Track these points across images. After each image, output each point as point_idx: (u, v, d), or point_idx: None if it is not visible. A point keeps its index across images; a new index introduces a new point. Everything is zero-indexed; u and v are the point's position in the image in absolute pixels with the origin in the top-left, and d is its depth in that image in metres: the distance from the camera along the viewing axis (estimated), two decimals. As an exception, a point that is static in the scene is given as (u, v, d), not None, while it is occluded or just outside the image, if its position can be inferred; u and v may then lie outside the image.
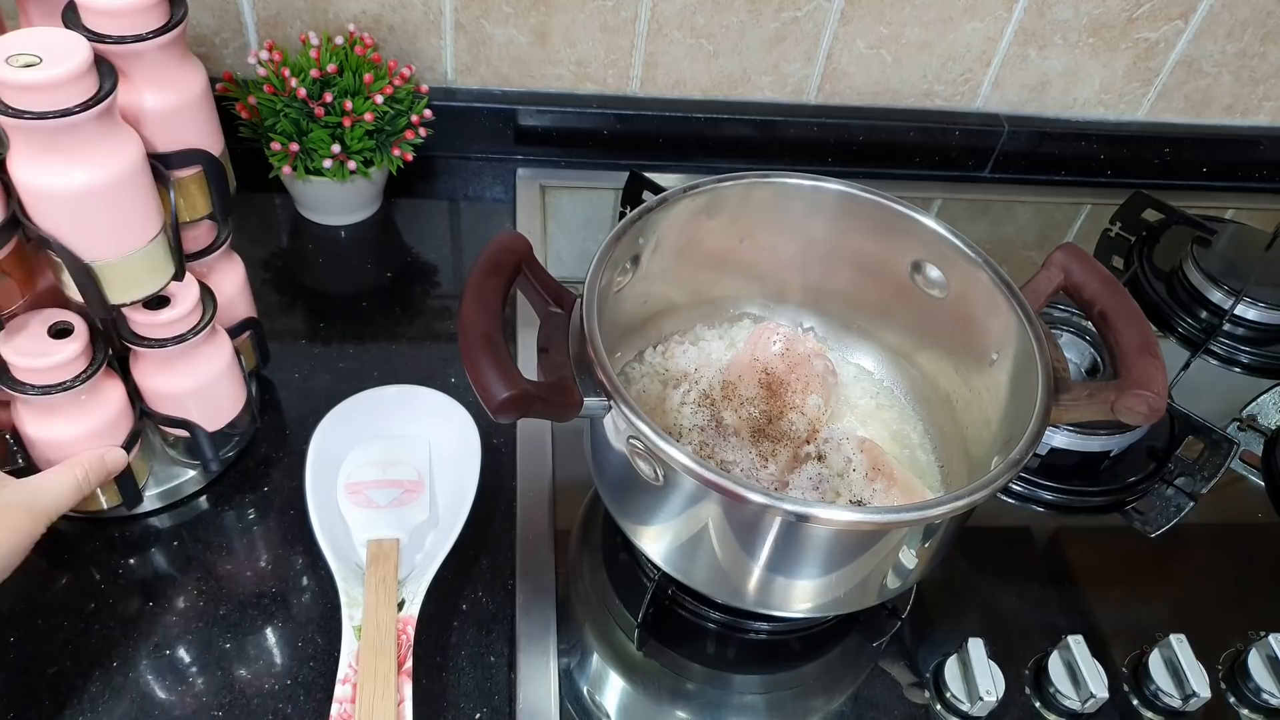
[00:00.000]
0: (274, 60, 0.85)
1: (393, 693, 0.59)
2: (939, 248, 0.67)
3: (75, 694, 0.60)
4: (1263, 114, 1.13)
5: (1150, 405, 0.56)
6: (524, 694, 0.62)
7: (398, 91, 0.88)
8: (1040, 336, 0.60)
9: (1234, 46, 1.05)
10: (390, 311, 0.88)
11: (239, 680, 0.62)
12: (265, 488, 0.73)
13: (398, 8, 0.94)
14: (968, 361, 0.69)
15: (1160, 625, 0.70)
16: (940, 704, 0.65)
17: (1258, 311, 0.95)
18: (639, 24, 0.97)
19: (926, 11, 0.99)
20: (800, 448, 0.68)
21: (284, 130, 0.85)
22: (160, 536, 0.69)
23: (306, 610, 0.66)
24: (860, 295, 0.74)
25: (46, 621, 0.64)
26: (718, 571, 0.59)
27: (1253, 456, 0.85)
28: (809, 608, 0.61)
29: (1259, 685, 0.68)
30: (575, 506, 0.75)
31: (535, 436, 0.77)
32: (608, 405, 0.55)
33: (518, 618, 0.66)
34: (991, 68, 1.04)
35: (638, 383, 0.73)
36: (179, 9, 0.63)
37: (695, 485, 0.53)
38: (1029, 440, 0.56)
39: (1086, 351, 0.84)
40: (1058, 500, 0.80)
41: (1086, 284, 0.63)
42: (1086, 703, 0.64)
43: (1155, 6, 1.01)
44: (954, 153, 1.10)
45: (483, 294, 0.55)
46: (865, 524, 0.53)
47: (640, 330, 0.74)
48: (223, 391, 0.69)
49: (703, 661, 0.67)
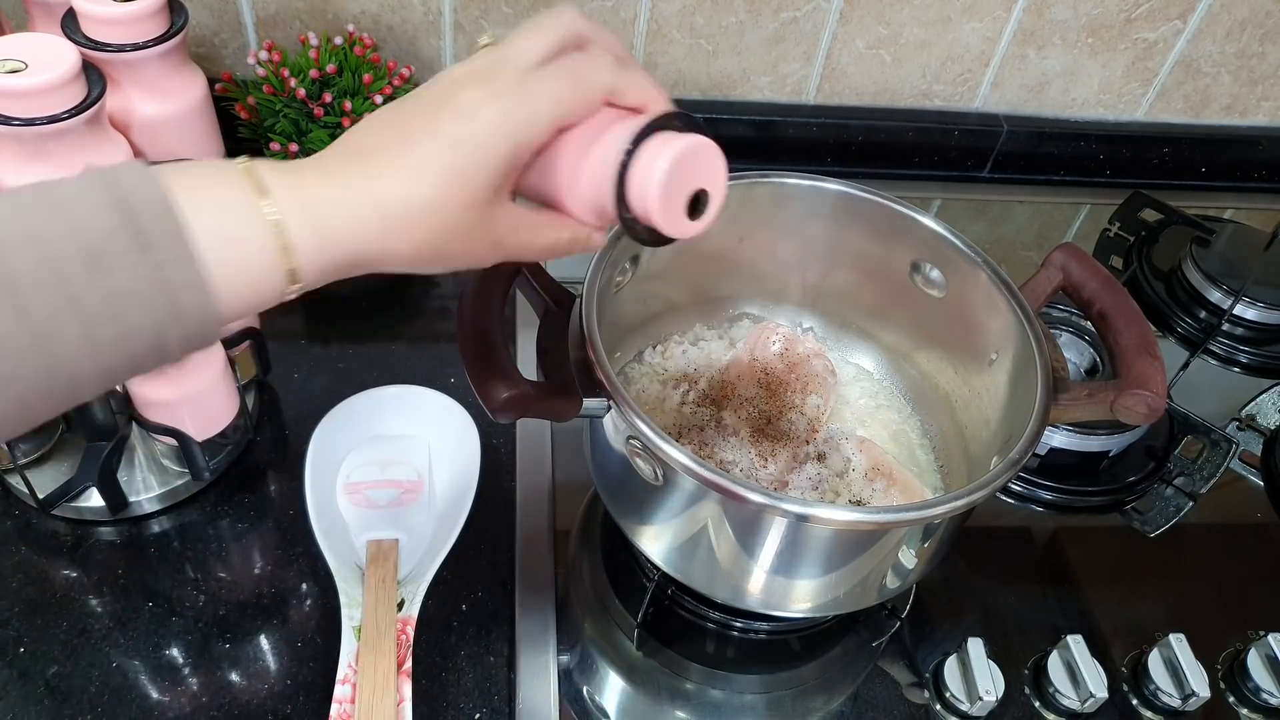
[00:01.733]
0: (273, 61, 0.85)
1: (392, 693, 0.59)
2: (938, 248, 0.67)
3: (75, 694, 0.60)
4: (1261, 114, 1.13)
5: (1149, 405, 0.56)
6: (524, 694, 0.62)
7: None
8: (1039, 336, 0.60)
9: (1233, 46, 1.05)
10: (390, 311, 0.88)
11: (238, 680, 0.62)
12: (265, 488, 0.73)
13: (397, 8, 0.94)
14: (967, 361, 0.69)
15: (1159, 625, 0.70)
16: (940, 704, 0.65)
17: (1257, 311, 0.95)
18: (639, 24, 0.97)
19: (925, 11, 0.99)
20: (800, 448, 0.68)
21: (283, 131, 0.85)
22: (160, 537, 0.69)
23: (306, 610, 0.66)
24: (859, 295, 0.75)
25: (46, 621, 0.64)
26: (717, 571, 0.59)
27: (1252, 456, 0.85)
28: (808, 608, 0.61)
29: (1258, 685, 0.68)
30: (575, 506, 0.75)
31: (535, 436, 0.77)
32: (607, 405, 0.55)
33: (517, 618, 0.66)
34: (990, 68, 1.04)
35: (637, 383, 0.73)
36: (179, 17, 0.63)
37: (695, 485, 0.53)
38: (1028, 440, 0.56)
39: (1086, 351, 0.84)
40: (1057, 500, 0.80)
41: (1085, 284, 0.64)
42: (1086, 702, 0.64)
43: (1154, 7, 1.01)
44: (953, 153, 1.10)
45: (482, 294, 0.55)
46: (865, 524, 0.53)
47: (640, 330, 0.74)
48: (214, 400, 0.68)
49: (702, 661, 0.67)
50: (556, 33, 0.41)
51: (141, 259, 0.32)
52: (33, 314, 0.30)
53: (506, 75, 0.39)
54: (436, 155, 0.37)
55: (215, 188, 0.34)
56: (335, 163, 0.38)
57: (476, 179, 0.37)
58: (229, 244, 0.34)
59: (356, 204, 0.36)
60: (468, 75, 0.39)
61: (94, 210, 0.32)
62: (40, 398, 0.33)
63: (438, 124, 0.37)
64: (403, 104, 0.39)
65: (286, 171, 0.36)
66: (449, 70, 0.40)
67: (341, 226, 0.36)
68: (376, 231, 0.37)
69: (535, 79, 0.39)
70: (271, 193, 0.35)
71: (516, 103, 0.38)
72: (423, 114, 0.38)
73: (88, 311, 0.31)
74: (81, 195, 0.32)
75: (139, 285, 0.32)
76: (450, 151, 0.37)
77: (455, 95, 0.38)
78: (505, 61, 0.39)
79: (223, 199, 0.34)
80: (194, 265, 0.33)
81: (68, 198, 0.32)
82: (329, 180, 0.37)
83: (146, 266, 0.32)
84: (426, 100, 0.38)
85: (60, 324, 0.31)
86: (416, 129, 0.37)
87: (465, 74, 0.39)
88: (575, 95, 0.39)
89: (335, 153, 0.38)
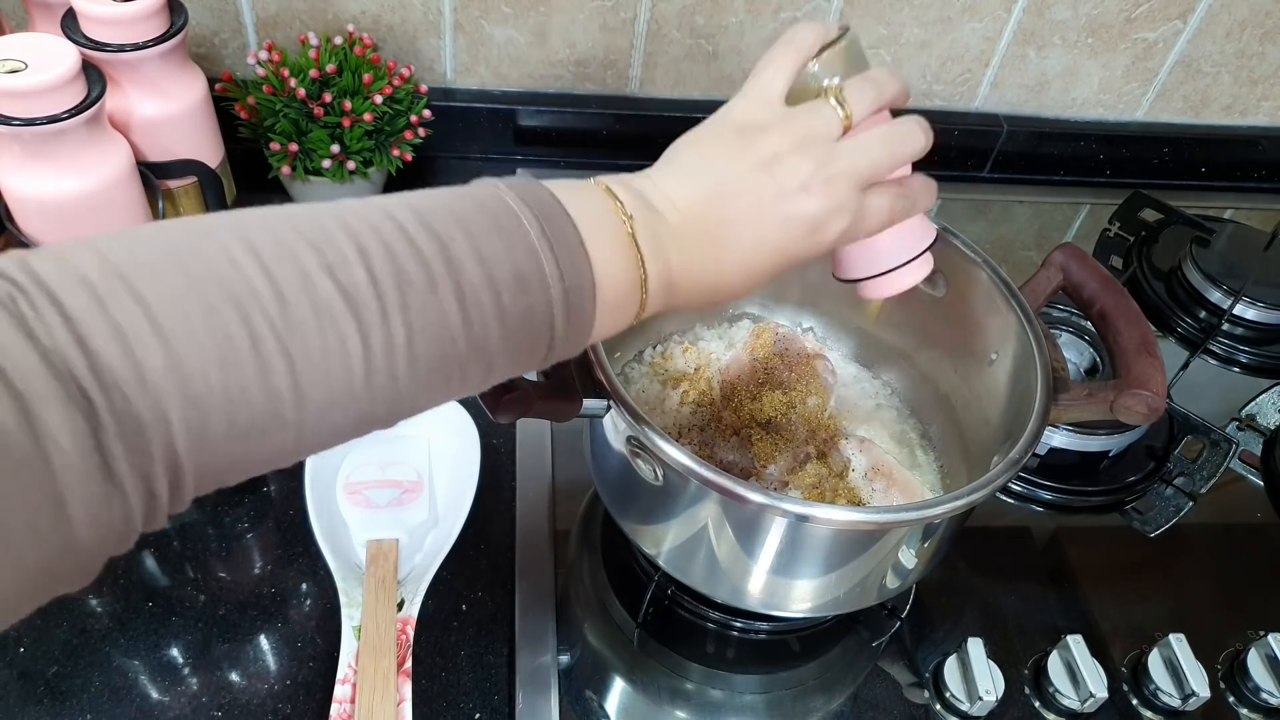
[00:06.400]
0: (273, 60, 0.85)
1: (392, 693, 0.59)
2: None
3: (75, 694, 0.60)
4: (1261, 114, 1.13)
5: (1149, 405, 0.56)
6: (523, 694, 0.62)
7: (397, 92, 0.88)
8: (1039, 336, 0.60)
9: (1233, 46, 1.05)
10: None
11: (238, 681, 0.62)
12: (264, 488, 0.73)
13: (397, 8, 0.94)
14: (967, 361, 0.69)
15: (1159, 625, 0.70)
16: (940, 704, 0.65)
17: (1256, 311, 0.95)
18: (638, 24, 0.97)
19: (925, 12, 0.99)
20: (800, 448, 0.68)
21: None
22: (159, 537, 0.69)
23: (306, 611, 0.66)
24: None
25: (46, 621, 0.64)
26: (717, 571, 0.59)
27: (1251, 456, 0.85)
28: (808, 608, 0.61)
29: (1258, 685, 0.68)
30: (575, 506, 0.75)
31: (535, 436, 0.77)
32: (607, 405, 0.55)
33: (517, 618, 0.66)
34: (990, 68, 1.04)
35: (637, 383, 0.73)
36: (179, 17, 0.63)
37: (695, 485, 0.53)
38: (1028, 440, 0.56)
39: (1085, 351, 0.84)
40: (1057, 500, 0.80)
41: (1085, 284, 0.64)
42: (1086, 702, 0.64)
43: (1154, 7, 1.01)
44: (953, 152, 1.10)
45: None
46: (865, 524, 0.53)
47: (640, 330, 0.74)
48: None
49: (702, 661, 0.67)
50: (875, 94, 0.45)
51: (557, 304, 0.38)
52: (472, 326, 0.36)
53: (829, 157, 0.43)
54: (765, 265, 0.44)
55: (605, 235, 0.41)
56: (688, 227, 0.43)
57: (786, 265, 0.45)
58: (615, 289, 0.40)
59: (713, 259, 0.44)
60: (789, 149, 0.43)
61: (525, 249, 0.38)
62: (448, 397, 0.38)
63: (765, 228, 0.43)
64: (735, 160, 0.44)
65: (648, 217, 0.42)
66: (755, 115, 0.45)
67: (689, 285, 0.44)
68: (700, 295, 0.44)
69: (869, 194, 0.45)
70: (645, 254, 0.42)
71: (853, 222, 0.44)
72: (754, 203, 0.43)
73: (510, 325, 0.37)
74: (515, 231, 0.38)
75: (548, 321, 0.38)
76: (779, 259, 0.44)
77: (780, 182, 0.43)
78: (821, 130, 0.44)
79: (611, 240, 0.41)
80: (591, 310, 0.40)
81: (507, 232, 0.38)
82: (680, 244, 0.43)
83: (558, 310, 0.38)
84: (751, 180, 0.43)
85: (488, 337, 0.37)
86: (746, 229, 0.43)
87: (785, 145, 0.43)
88: (900, 203, 0.46)
89: (688, 205, 0.43)
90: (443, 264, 0.35)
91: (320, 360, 0.32)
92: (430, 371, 0.35)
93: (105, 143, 0.57)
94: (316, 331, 0.32)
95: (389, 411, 0.36)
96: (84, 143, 0.54)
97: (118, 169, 0.57)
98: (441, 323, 0.35)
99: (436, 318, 0.35)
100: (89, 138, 0.55)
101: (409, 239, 0.35)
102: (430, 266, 0.35)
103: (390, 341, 0.34)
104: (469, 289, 0.36)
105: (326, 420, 0.34)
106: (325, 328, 0.32)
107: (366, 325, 0.33)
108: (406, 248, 0.35)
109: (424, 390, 0.36)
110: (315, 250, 0.33)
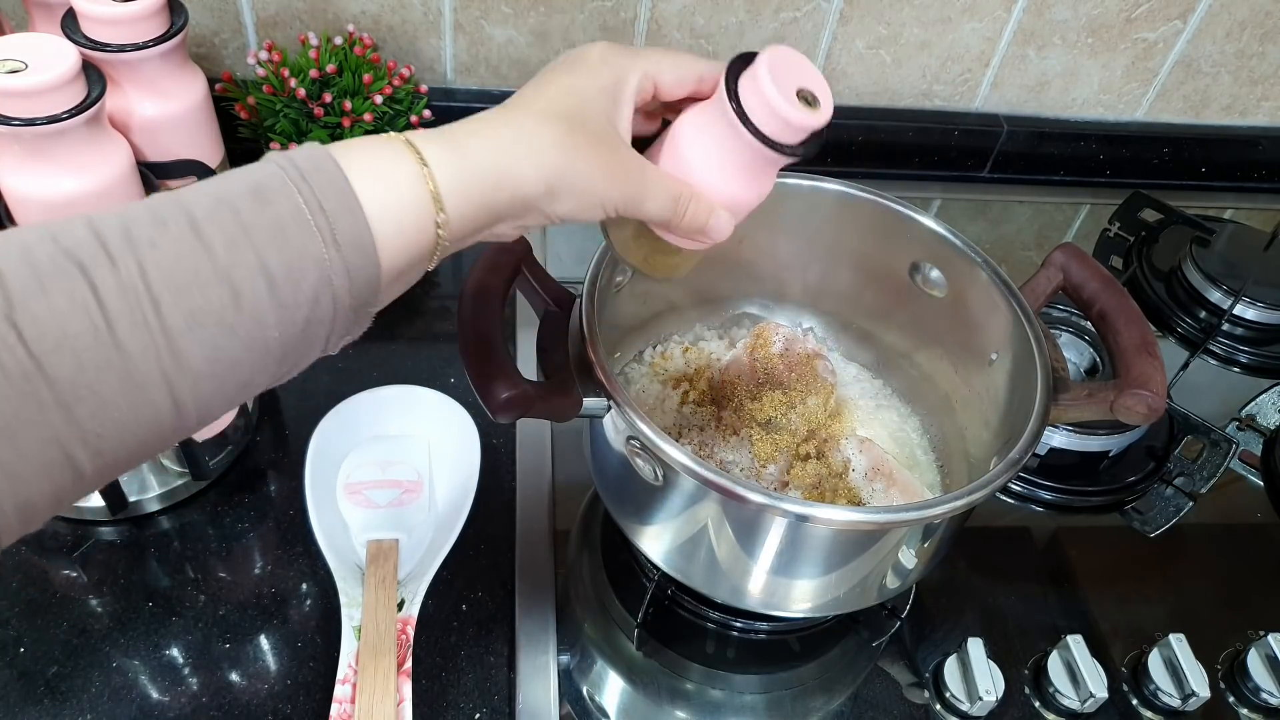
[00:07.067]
0: (273, 61, 0.85)
1: (392, 693, 0.59)
2: (938, 248, 0.67)
3: (75, 694, 0.60)
4: (1261, 114, 1.13)
5: (1149, 405, 0.56)
6: (524, 694, 0.62)
7: (397, 92, 0.88)
8: (1039, 336, 0.60)
9: (1233, 47, 1.05)
10: (390, 311, 0.87)
11: (238, 680, 0.62)
12: (265, 488, 0.73)
13: (397, 8, 0.94)
14: (967, 361, 0.69)
15: (1159, 625, 0.70)
16: (940, 704, 0.65)
17: (1256, 311, 0.95)
18: (639, 24, 0.97)
19: (925, 12, 0.99)
20: (800, 448, 0.68)
21: (283, 130, 0.85)
22: (160, 537, 0.69)
23: (306, 610, 0.66)
24: (859, 295, 0.75)
25: (46, 621, 0.64)
26: (717, 571, 0.59)
27: (1251, 456, 0.85)
28: (808, 608, 0.61)
29: (1258, 685, 0.68)
30: (575, 506, 0.75)
31: (535, 436, 0.77)
32: (607, 405, 0.55)
33: (517, 618, 0.66)
34: (990, 68, 1.04)
35: (637, 383, 0.73)
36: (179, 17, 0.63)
37: (695, 485, 0.53)
38: (1028, 440, 0.56)
39: (1085, 351, 0.84)
40: (1057, 500, 0.80)
41: (1085, 284, 0.64)
42: (1086, 702, 0.64)
43: (1154, 7, 1.01)
44: (953, 153, 1.10)
45: (482, 294, 0.55)
46: (865, 524, 0.53)
47: (640, 330, 0.74)
48: None
49: (702, 661, 0.67)
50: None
51: (300, 187, 0.36)
52: (215, 249, 0.34)
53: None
54: (561, 92, 0.44)
55: (364, 142, 0.40)
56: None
57: (597, 100, 0.44)
58: (376, 172, 0.38)
59: (490, 127, 0.42)
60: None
61: (262, 164, 0.38)
62: (234, 343, 0.35)
63: (560, 70, 0.45)
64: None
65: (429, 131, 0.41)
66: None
67: (477, 148, 0.41)
68: (508, 144, 0.42)
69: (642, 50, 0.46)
70: (412, 138, 0.40)
71: (631, 54, 0.45)
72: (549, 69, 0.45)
73: (258, 238, 0.35)
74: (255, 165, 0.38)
75: (300, 212, 0.36)
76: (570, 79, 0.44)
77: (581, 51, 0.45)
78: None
79: (368, 143, 0.40)
80: (348, 190, 0.37)
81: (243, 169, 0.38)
82: (466, 122, 0.42)
83: (305, 193, 0.36)
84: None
85: (238, 254, 0.35)
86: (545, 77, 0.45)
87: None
88: (670, 56, 0.46)
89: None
90: (172, 203, 0.35)
91: (50, 320, 0.32)
92: (189, 314, 0.33)
93: (105, 143, 0.57)
94: (40, 292, 0.32)
95: (173, 366, 0.34)
96: (84, 143, 0.54)
97: (118, 169, 0.57)
98: (177, 252, 0.34)
99: (171, 248, 0.34)
100: (89, 138, 0.55)
101: (144, 205, 0.35)
102: (157, 210, 0.35)
103: (122, 282, 0.33)
104: (202, 214, 0.35)
105: (97, 393, 0.32)
106: (50, 287, 0.32)
107: (92, 274, 0.32)
108: (139, 207, 0.35)
109: (199, 344, 0.34)
110: (41, 229, 0.34)
